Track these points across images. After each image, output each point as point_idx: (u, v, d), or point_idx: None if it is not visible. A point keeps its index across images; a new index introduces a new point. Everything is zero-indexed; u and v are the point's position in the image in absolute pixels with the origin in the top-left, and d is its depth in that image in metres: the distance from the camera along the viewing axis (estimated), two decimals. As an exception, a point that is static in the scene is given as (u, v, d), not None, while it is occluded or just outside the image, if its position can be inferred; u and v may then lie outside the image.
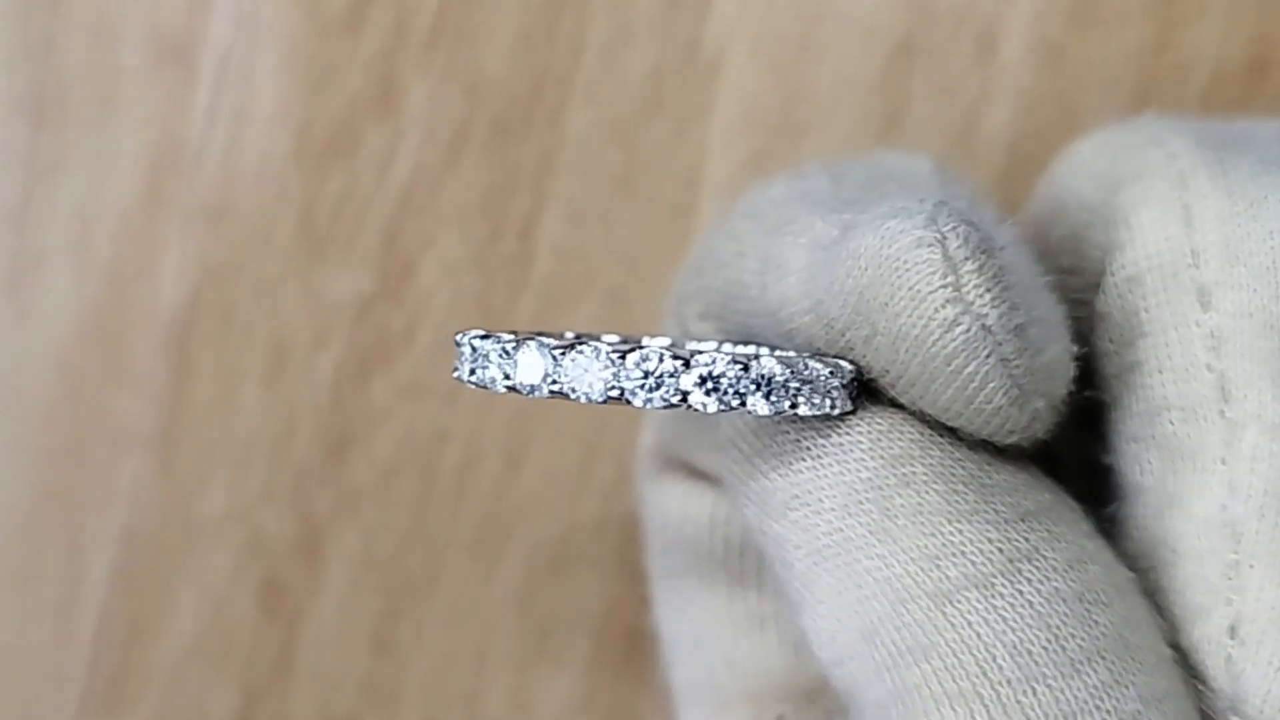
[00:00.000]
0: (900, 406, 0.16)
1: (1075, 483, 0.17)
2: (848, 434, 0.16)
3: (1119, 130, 0.18)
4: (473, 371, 0.16)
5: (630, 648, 0.25)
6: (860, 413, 0.16)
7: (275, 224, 0.25)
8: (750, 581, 0.20)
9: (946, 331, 0.15)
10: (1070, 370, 0.16)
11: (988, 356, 0.15)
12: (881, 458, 0.16)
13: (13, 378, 0.25)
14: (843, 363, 0.16)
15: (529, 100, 0.25)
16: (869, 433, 0.16)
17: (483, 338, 0.16)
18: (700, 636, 0.20)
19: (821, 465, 0.16)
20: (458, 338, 0.16)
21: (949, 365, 0.15)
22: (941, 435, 0.16)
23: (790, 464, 0.16)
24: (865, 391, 0.16)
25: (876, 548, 0.15)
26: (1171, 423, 0.17)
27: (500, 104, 0.25)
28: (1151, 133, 0.18)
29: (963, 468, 0.16)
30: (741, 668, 0.19)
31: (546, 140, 0.25)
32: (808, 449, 0.16)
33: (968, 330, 0.15)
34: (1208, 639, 0.16)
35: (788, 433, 0.16)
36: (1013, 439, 0.16)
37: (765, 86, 0.25)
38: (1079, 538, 0.16)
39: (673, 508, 0.20)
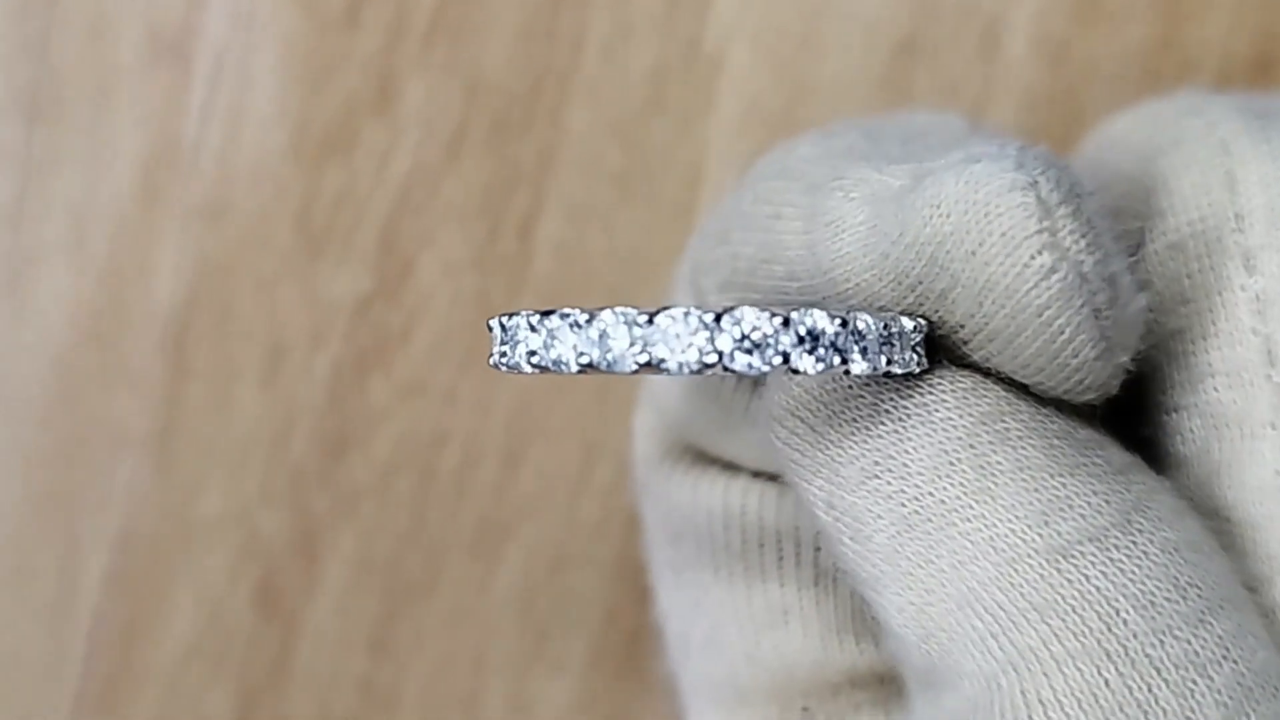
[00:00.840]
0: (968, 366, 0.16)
1: None
2: (931, 393, 0.15)
3: (1155, 103, 0.18)
4: (533, 354, 0.14)
5: (630, 649, 0.25)
6: (939, 371, 0.15)
7: (272, 223, 0.25)
8: (770, 574, 0.19)
9: (1042, 280, 0.14)
10: (1142, 325, 0.16)
11: (1081, 307, 0.15)
12: (971, 416, 0.15)
13: (8, 377, 0.25)
14: (919, 319, 0.15)
15: (528, 98, 0.24)
16: (954, 391, 0.15)
17: (544, 314, 0.14)
18: (716, 632, 0.19)
19: (905, 428, 0.15)
20: (502, 321, 0.15)
21: (1040, 316, 0.15)
22: (1022, 392, 0.15)
23: (868, 430, 0.15)
24: (933, 350, 0.16)
25: (975, 509, 0.14)
26: (1216, 389, 0.16)
27: (499, 102, 0.24)
28: (1189, 103, 0.18)
29: (1053, 423, 0.15)
30: (763, 663, 0.19)
31: (546, 138, 0.24)
32: (888, 412, 0.15)
33: (1065, 278, 0.14)
34: (1271, 608, 0.15)
35: (862, 397, 0.15)
36: (1087, 396, 0.15)
37: (767, 84, 0.24)
38: (1172, 491, 0.15)
39: (682, 497, 0.20)
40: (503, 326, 0.15)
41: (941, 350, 0.16)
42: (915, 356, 0.15)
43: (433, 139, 0.24)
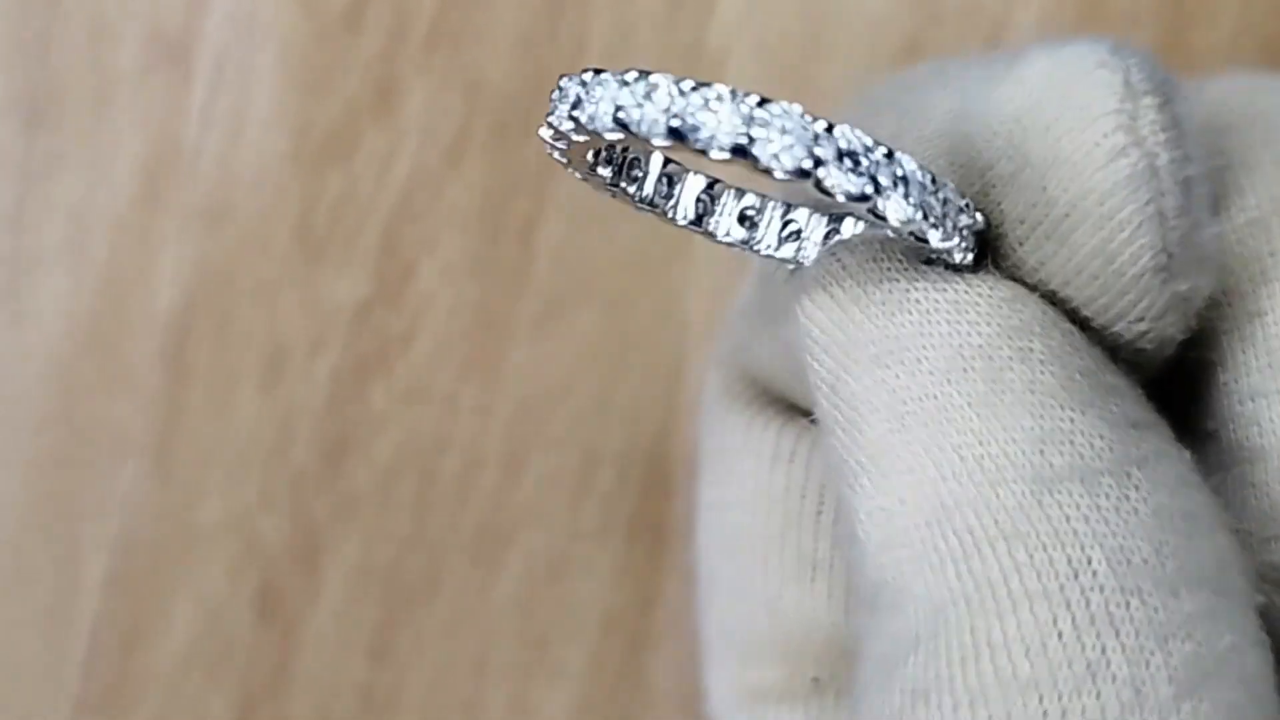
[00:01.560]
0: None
1: None
2: (965, 293, 0.14)
3: (1214, 83, 0.17)
4: (576, 105, 0.14)
5: (630, 656, 0.25)
6: (981, 275, 0.14)
7: (272, 227, 0.24)
8: (808, 525, 0.18)
9: (1112, 160, 0.14)
10: (1215, 274, 0.15)
11: (1147, 203, 0.14)
12: (999, 325, 0.14)
13: (7, 382, 0.25)
14: (977, 214, 0.14)
15: (529, 102, 0.24)
16: (989, 297, 0.14)
17: (597, 72, 0.14)
18: (743, 578, 0.19)
19: (929, 321, 0.14)
20: (562, 81, 0.14)
21: (1102, 204, 0.14)
22: (1063, 320, 0.15)
23: (892, 314, 0.14)
24: (982, 258, 0.15)
25: (975, 422, 0.14)
26: None
27: (500, 106, 0.24)
28: (1256, 82, 0.17)
29: (1080, 358, 0.14)
30: (784, 616, 0.18)
31: (547, 142, 0.24)
32: (916, 301, 0.14)
33: (1135, 164, 0.14)
34: None
35: (897, 279, 0.14)
36: (1140, 329, 0.15)
37: (770, 87, 0.24)
38: (1186, 463, 0.15)
39: (734, 437, 0.19)
40: (558, 89, 0.14)
41: (995, 259, 0.15)
42: (960, 238, 0.14)
43: (434, 143, 0.24)
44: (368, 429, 0.25)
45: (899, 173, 0.13)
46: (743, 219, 0.16)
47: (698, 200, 0.16)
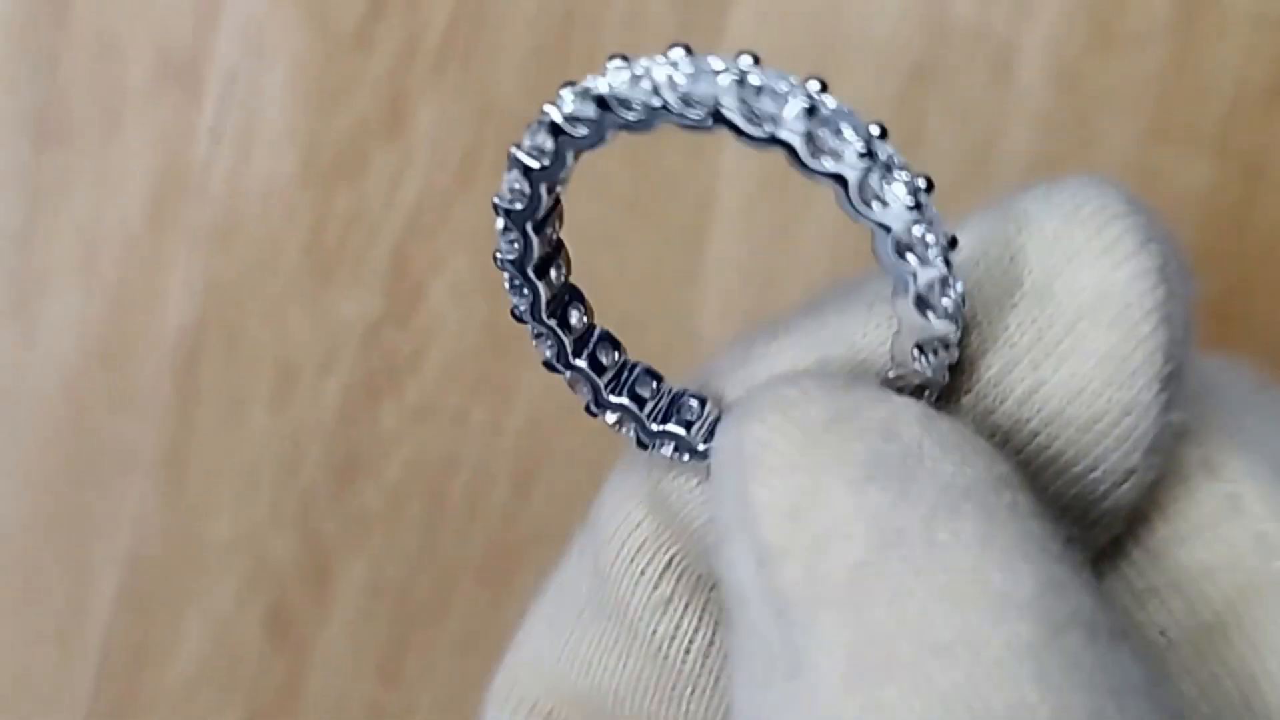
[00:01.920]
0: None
1: None
2: (950, 431, 0.13)
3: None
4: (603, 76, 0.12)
5: (641, 676, 0.25)
6: (962, 419, 0.14)
7: (282, 246, 0.24)
8: None
9: (1139, 249, 0.13)
10: (1186, 416, 0.14)
11: (1167, 300, 0.13)
12: (984, 470, 0.13)
13: (17, 399, 0.25)
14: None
15: (539, 120, 0.24)
16: (974, 441, 0.13)
17: (626, 59, 0.13)
18: None
19: (915, 454, 0.13)
20: (561, 90, 0.13)
21: (1126, 296, 0.13)
22: (1029, 483, 0.13)
23: (874, 439, 0.13)
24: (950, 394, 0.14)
25: (967, 561, 0.12)
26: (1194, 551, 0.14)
27: (510, 124, 0.24)
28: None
29: (1050, 521, 0.13)
30: None
31: (557, 160, 0.24)
32: (898, 433, 0.13)
33: (1155, 258, 0.13)
34: None
35: (877, 406, 0.13)
36: (1129, 465, 0.14)
37: (778, 105, 0.24)
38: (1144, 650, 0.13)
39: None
40: (564, 90, 0.13)
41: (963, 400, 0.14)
42: (955, 324, 0.13)
43: (443, 162, 0.24)
44: (377, 447, 0.25)
45: (931, 216, 0.12)
46: (633, 392, 0.15)
47: (594, 348, 0.15)
